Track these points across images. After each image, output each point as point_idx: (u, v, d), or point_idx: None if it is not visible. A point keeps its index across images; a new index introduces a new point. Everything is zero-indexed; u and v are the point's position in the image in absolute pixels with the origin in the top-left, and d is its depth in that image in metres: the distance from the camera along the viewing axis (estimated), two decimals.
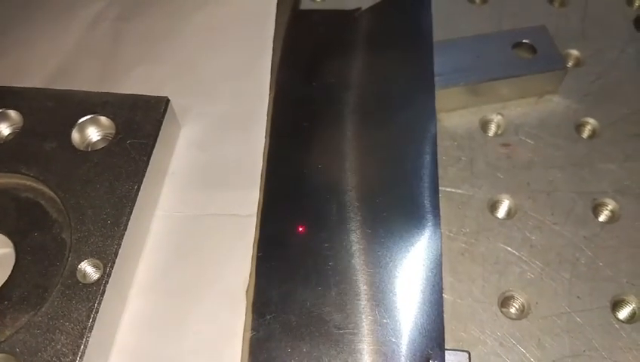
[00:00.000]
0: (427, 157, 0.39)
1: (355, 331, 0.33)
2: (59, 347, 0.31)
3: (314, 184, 0.38)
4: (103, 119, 0.38)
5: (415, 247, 0.36)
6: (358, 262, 0.36)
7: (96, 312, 0.32)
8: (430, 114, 0.40)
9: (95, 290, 0.32)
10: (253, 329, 0.34)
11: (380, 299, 0.34)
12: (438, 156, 0.39)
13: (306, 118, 0.41)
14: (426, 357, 0.32)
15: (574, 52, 0.47)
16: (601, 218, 0.39)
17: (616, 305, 0.36)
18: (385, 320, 0.34)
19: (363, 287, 0.35)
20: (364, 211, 0.37)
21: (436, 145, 0.39)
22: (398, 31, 0.44)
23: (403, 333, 0.33)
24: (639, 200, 0.40)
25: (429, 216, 0.37)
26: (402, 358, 0.33)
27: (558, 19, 0.48)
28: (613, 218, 0.39)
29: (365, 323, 0.34)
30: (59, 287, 0.33)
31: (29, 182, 0.37)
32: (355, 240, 0.36)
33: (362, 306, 0.34)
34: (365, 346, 0.33)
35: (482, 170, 0.41)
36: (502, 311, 0.36)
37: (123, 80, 0.44)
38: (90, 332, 0.31)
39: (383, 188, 0.38)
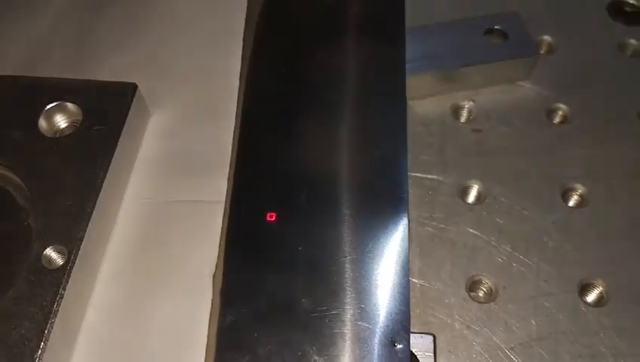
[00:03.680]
0: (397, 144, 0.39)
1: (323, 315, 0.34)
2: (23, 332, 0.31)
3: (283, 170, 0.38)
4: (70, 106, 0.38)
5: (383, 233, 0.36)
6: (326, 247, 0.36)
7: (61, 298, 0.32)
8: (401, 100, 0.40)
9: (60, 276, 0.32)
10: (220, 315, 0.34)
11: (348, 283, 0.34)
12: (409, 142, 0.39)
13: (275, 105, 0.41)
14: (391, 340, 0.33)
15: (547, 38, 0.47)
16: (571, 203, 0.40)
17: (584, 288, 0.37)
18: (352, 305, 0.34)
19: (331, 272, 0.35)
20: (333, 197, 0.37)
21: (406, 132, 0.39)
22: (370, 17, 0.44)
23: (369, 317, 0.33)
24: (608, 185, 0.40)
25: (398, 202, 0.37)
26: (369, 341, 0.33)
27: (532, 5, 0.48)
28: (582, 203, 0.40)
29: (333, 308, 0.34)
30: (24, 273, 0.33)
31: None
32: (324, 226, 0.36)
33: (330, 291, 0.34)
34: (332, 330, 0.33)
35: (453, 156, 0.41)
36: (470, 295, 0.36)
37: (94, 67, 0.43)
38: (55, 317, 0.31)
39: (353, 174, 0.38)
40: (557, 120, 0.43)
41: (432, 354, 0.34)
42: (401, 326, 0.33)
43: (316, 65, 0.42)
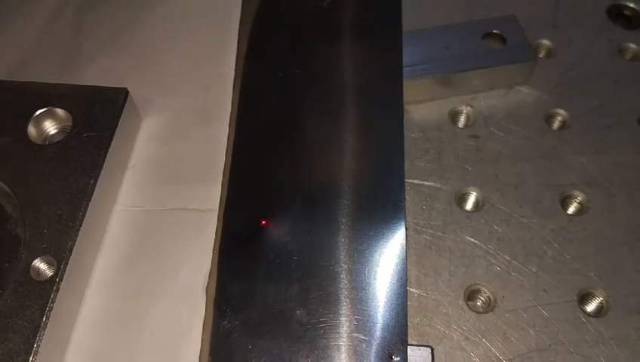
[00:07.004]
0: (394, 150, 0.38)
1: (318, 327, 0.33)
2: (12, 346, 0.30)
3: (278, 177, 0.38)
4: (60, 111, 0.37)
5: (380, 241, 0.35)
6: (322, 256, 0.35)
7: (50, 310, 0.31)
8: (398, 105, 0.40)
9: (48, 288, 0.31)
10: (213, 326, 0.33)
11: (344, 294, 0.34)
12: (407, 148, 0.39)
13: (270, 109, 0.40)
14: (388, 353, 0.32)
15: (546, 42, 0.46)
16: (570, 210, 0.39)
17: (584, 298, 0.36)
18: (348, 316, 0.33)
19: (327, 282, 0.34)
20: (329, 205, 0.37)
21: (403, 137, 0.39)
22: (367, 20, 0.43)
23: (366, 329, 0.33)
24: (608, 192, 0.39)
25: (395, 209, 0.36)
26: (365, 354, 0.32)
27: (531, 8, 0.47)
28: (581, 210, 0.39)
29: (328, 319, 0.33)
30: (12, 285, 0.32)
31: None
32: (320, 235, 0.36)
33: (325, 301, 0.34)
34: (328, 342, 0.32)
35: (451, 163, 0.41)
36: (468, 305, 0.36)
37: (85, 71, 0.43)
38: (44, 330, 0.31)
39: (349, 181, 0.38)
40: (556, 125, 0.42)
41: None
42: (398, 339, 0.32)
43: (311, 71, 0.41)
